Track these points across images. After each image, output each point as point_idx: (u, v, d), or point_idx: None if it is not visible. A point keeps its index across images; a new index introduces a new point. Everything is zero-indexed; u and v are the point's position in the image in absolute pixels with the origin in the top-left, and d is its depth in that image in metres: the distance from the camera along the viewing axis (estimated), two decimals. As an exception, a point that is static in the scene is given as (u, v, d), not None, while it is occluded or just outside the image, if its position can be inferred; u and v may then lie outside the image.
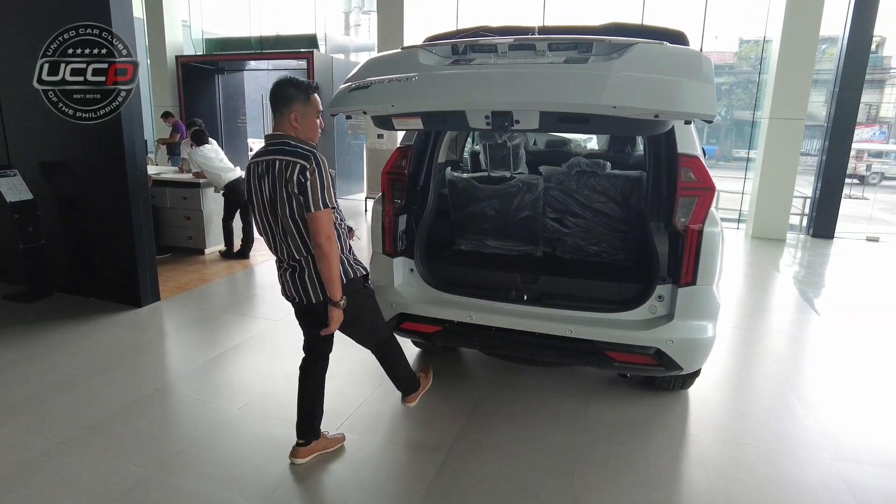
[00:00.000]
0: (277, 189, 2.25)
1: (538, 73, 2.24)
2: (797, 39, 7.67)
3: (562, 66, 2.27)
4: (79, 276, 4.98)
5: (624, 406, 3.23)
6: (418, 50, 2.51)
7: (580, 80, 2.14)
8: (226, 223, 6.26)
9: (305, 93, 2.31)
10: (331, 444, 2.74)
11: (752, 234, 8.28)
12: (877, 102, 19.11)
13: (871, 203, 12.63)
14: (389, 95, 2.36)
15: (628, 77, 2.07)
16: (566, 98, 2.14)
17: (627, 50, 2.18)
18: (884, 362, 3.95)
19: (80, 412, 3.07)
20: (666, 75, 2.07)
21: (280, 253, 2.41)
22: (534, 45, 2.37)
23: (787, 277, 6.34)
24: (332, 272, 2.27)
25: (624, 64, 2.12)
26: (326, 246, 2.23)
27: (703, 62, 2.13)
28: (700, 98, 2.01)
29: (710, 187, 2.64)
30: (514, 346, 3.00)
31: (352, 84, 2.46)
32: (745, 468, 2.70)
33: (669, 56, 2.19)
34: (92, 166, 4.68)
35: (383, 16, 9.58)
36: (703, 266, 2.64)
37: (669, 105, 2.01)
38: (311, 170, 2.20)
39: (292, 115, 2.29)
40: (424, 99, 2.34)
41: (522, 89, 2.20)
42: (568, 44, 2.35)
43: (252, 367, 3.69)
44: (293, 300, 2.49)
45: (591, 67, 2.19)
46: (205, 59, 11.80)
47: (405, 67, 2.43)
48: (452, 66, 2.44)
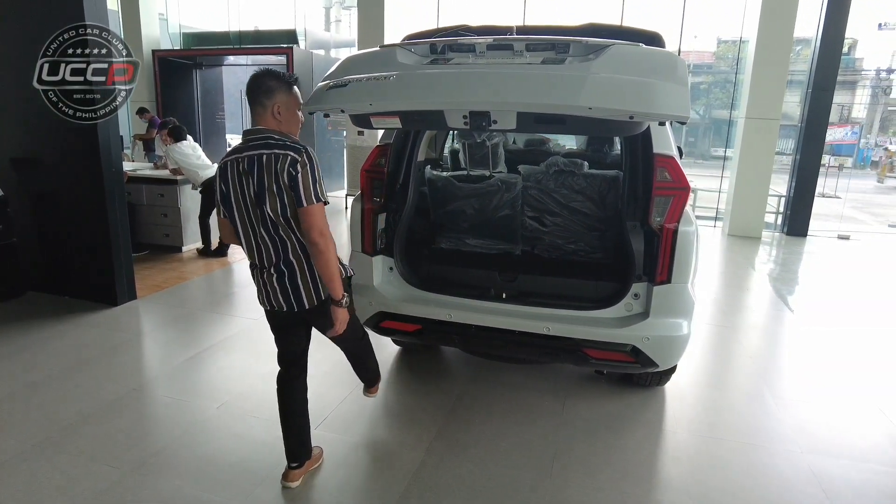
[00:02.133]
0: (266, 184, 2.11)
1: (515, 73, 2.24)
2: (772, 41, 7.82)
3: (539, 66, 2.28)
4: (53, 275, 4.89)
5: (602, 403, 3.28)
6: (396, 48, 2.49)
7: (556, 81, 2.15)
8: (202, 220, 6.18)
9: (287, 84, 2.23)
10: (318, 458, 2.65)
11: (729, 231, 8.42)
12: (849, 103, 19.55)
13: (842, 202, 12.92)
14: (367, 94, 2.34)
15: (604, 78, 2.09)
16: (542, 99, 2.16)
17: (604, 51, 2.20)
18: (854, 359, 4.05)
19: (54, 413, 3.02)
20: (641, 76, 2.10)
21: (262, 257, 2.26)
22: (511, 46, 2.38)
23: (762, 275, 6.47)
24: (330, 269, 2.17)
25: (600, 65, 2.14)
26: (321, 242, 2.13)
27: (678, 64, 2.16)
28: (674, 100, 2.04)
29: (685, 187, 2.68)
30: (493, 344, 3.02)
31: (329, 82, 2.43)
32: (719, 462, 2.75)
33: (644, 57, 2.21)
34: (66, 162, 4.60)
35: (364, 12, 9.53)
36: (678, 264, 2.68)
37: (644, 107, 2.04)
38: (302, 163, 2.10)
39: (275, 106, 2.18)
40: (402, 98, 2.32)
41: (500, 89, 2.20)
42: (545, 44, 2.37)
43: (230, 367, 3.66)
44: (279, 308, 2.31)
45: (567, 68, 2.21)
46: (182, 54, 11.62)
47: (383, 66, 2.41)
48: (431, 65, 2.44)
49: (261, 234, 2.22)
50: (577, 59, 2.26)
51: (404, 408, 3.24)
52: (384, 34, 9.34)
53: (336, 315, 2.26)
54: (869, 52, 21.80)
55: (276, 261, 2.24)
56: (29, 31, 4.39)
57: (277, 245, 2.22)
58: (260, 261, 2.28)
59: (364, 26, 9.51)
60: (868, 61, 19.99)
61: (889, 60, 19.86)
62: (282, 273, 2.25)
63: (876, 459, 2.82)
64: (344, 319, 2.29)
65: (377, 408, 3.22)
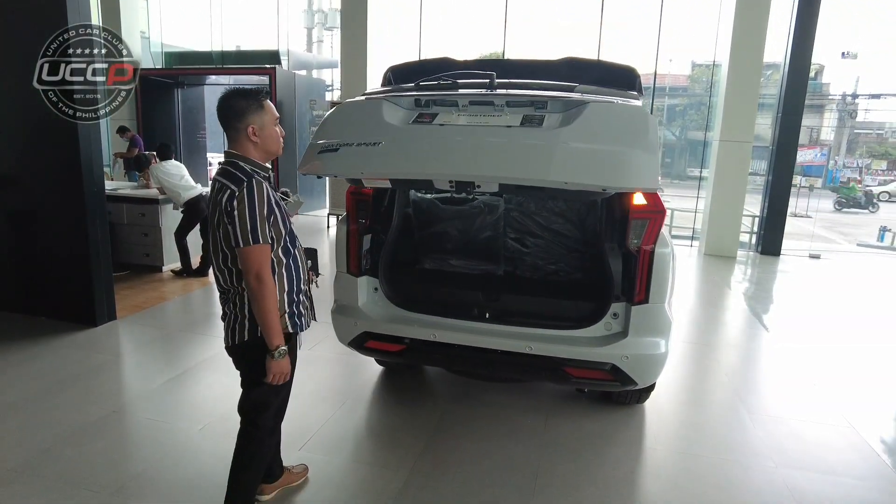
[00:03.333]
0: (217, 213, 2.02)
1: (496, 145, 2.36)
2: (743, 65, 8.10)
3: (519, 131, 2.39)
4: (29, 295, 4.81)
5: (582, 421, 3.32)
6: (383, 102, 2.62)
7: (535, 156, 2.30)
8: (179, 239, 6.10)
9: (257, 101, 2.07)
10: (296, 477, 2.62)
11: (705, 251, 8.60)
12: (817, 126, 20.21)
13: (813, 221, 13.29)
14: (358, 161, 2.46)
15: (579, 150, 2.26)
16: (521, 174, 2.32)
17: (579, 113, 2.35)
18: (825, 375, 4.17)
19: (31, 437, 2.97)
20: (614, 145, 2.27)
21: (218, 283, 2.18)
22: (492, 102, 2.52)
23: (737, 294, 6.62)
24: (264, 315, 1.99)
25: (576, 132, 2.29)
26: (256, 287, 1.97)
27: (649, 127, 2.33)
28: (645, 172, 2.23)
29: (660, 210, 2.77)
30: (476, 363, 3.06)
31: (321, 144, 2.53)
32: (697, 478, 2.81)
33: (618, 120, 2.38)
34: (46, 180, 4.55)
35: (346, 32, 9.64)
36: (655, 285, 2.76)
37: (615, 182, 2.25)
38: (240, 198, 1.95)
39: (249, 129, 2.05)
40: (391, 166, 2.46)
41: (482, 163, 2.36)
42: (524, 100, 2.51)
43: (212, 388, 3.64)
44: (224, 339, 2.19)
45: (545, 136, 2.33)
46: (164, 73, 11.63)
47: (371, 121, 2.53)
48: (416, 123, 2.55)
49: (215, 262, 2.13)
50: (555, 114, 2.43)
51: (388, 428, 3.25)
52: (366, 55, 9.46)
53: (268, 366, 2.05)
54: (835, 77, 22.65)
55: (224, 290, 2.15)
56: (14, 40, 4.39)
57: (225, 275, 2.11)
58: (217, 285, 2.20)
59: (346, 47, 9.62)
60: (834, 86, 20.77)
61: (853, 86, 20.66)
62: (224, 300, 2.17)
63: (847, 473, 2.91)
64: (279, 372, 2.07)
65: (361, 428, 3.23)
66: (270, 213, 2.02)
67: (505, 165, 2.33)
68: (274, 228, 2.05)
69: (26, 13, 4.33)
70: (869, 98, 21.15)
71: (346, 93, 9.60)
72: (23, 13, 4.34)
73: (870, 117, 22.54)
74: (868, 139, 23.38)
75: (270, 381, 2.08)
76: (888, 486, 2.82)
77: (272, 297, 2.01)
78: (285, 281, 2.13)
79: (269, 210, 2.01)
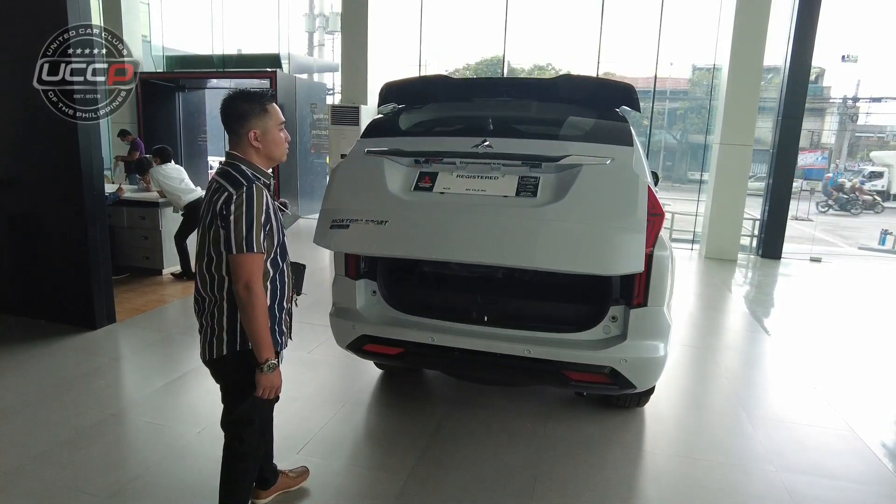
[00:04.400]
0: (210, 215, 1.95)
1: (493, 229, 2.60)
2: (743, 68, 8.09)
3: (514, 209, 2.63)
4: (29, 297, 4.82)
5: (581, 424, 3.31)
6: (384, 161, 2.86)
7: (527, 243, 2.55)
8: (178, 242, 6.10)
9: (261, 105, 2.00)
10: (294, 482, 2.59)
11: (706, 254, 8.59)
12: (818, 129, 20.22)
13: (814, 224, 13.28)
14: (368, 240, 2.74)
15: (569, 235, 2.51)
16: (515, 262, 2.62)
17: (572, 180, 2.58)
18: (826, 380, 4.15)
19: (28, 440, 2.97)
20: (603, 226, 2.50)
21: (197, 288, 2.08)
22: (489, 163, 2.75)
23: (738, 297, 6.61)
24: (253, 326, 1.91)
25: (566, 209, 2.54)
26: (245, 296, 1.88)
27: (639, 198, 2.52)
28: (631, 256, 2.46)
29: (659, 213, 2.76)
30: (475, 366, 3.05)
31: (333, 219, 2.81)
32: (697, 482, 2.80)
33: (608, 192, 2.58)
34: (46, 183, 4.56)
35: (347, 36, 9.66)
36: (654, 288, 2.75)
37: (601, 270, 2.50)
38: (237, 202, 1.88)
39: (251, 133, 1.98)
40: (398, 249, 2.76)
41: (480, 249, 2.60)
42: (520, 158, 2.71)
43: (210, 391, 3.59)
44: (201, 354, 2.10)
45: (537, 216, 2.57)
46: (165, 77, 11.65)
47: (375, 186, 2.81)
48: (418, 191, 2.81)
49: (198, 265, 2.05)
50: (550, 174, 2.69)
51: (386, 431, 3.24)
52: (367, 58, 9.47)
53: (258, 380, 1.98)
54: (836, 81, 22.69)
55: (202, 299, 2.06)
56: (14, 40, 4.39)
57: (206, 281, 2.02)
58: (195, 292, 2.10)
59: (347, 51, 9.64)
60: (835, 90, 20.79)
61: (854, 89, 20.68)
62: (201, 309, 2.08)
63: (848, 477, 2.89)
64: (269, 386, 1.99)
65: (359, 431, 3.22)
66: (267, 221, 1.95)
67: (501, 252, 2.59)
68: (268, 239, 1.98)
69: (26, 13, 4.34)
70: (870, 101, 21.18)
71: (347, 96, 9.63)
72: (23, 13, 4.36)
73: (871, 121, 22.57)
74: (869, 142, 23.40)
75: (261, 396, 2.00)
76: (889, 490, 2.81)
77: (262, 308, 1.93)
78: (268, 295, 2.02)
79: (267, 219, 1.94)
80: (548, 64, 20.57)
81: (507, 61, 10.95)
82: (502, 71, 10.87)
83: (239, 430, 2.16)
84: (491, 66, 19.74)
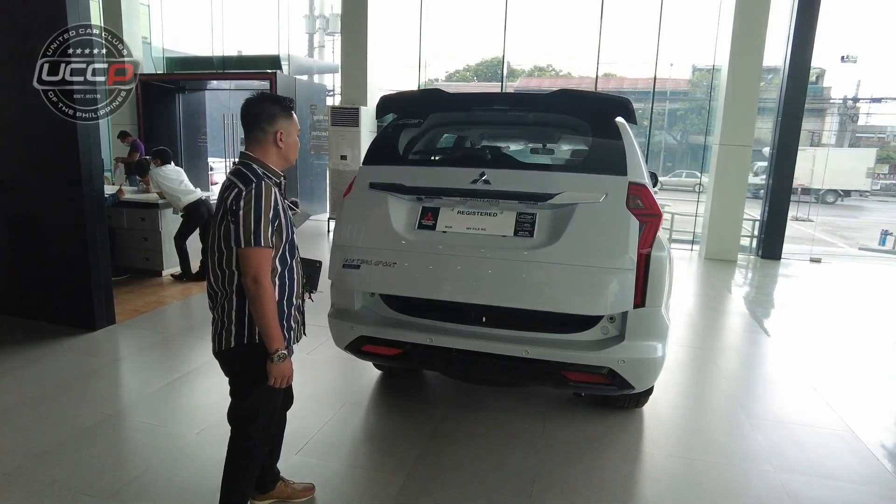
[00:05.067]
0: (221, 210, 2.02)
1: (493, 271, 2.79)
2: (743, 69, 8.10)
3: (511, 250, 2.78)
4: (28, 298, 4.82)
5: (580, 425, 3.31)
6: (388, 197, 2.98)
7: (524, 287, 2.75)
8: (178, 243, 6.10)
9: (287, 109, 2.13)
10: (294, 494, 2.53)
11: (706, 255, 8.59)
12: (818, 130, 20.22)
13: (814, 225, 13.27)
14: (378, 281, 2.96)
15: (563, 277, 2.71)
16: (515, 303, 2.80)
17: (568, 219, 2.73)
18: (825, 380, 4.15)
19: (27, 441, 2.97)
20: (596, 267, 2.69)
21: (210, 284, 2.13)
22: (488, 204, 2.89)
23: (737, 298, 6.61)
24: (261, 320, 1.97)
25: (561, 251, 2.70)
26: (253, 289, 1.94)
27: (630, 239, 2.66)
28: (621, 294, 2.67)
29: (656, 214, 2.77)
30: (473, 367, 3.05)
31: (344, 258, 2.99)
32: (695, 483, 2.80)
33: (602, 230, 2.72)
34: (46, 185, 4.57)
35: (347, 38, 9.67)
36: (652, 289, 2.75)
37: (594, 310, 2.75)
38: (247, 198, 1.94)
39: (278, 133, 2.08)
40: (406, 289, 2.94)
41: (482, 292, 2.81)
42: (516, 196, 2.83)
43: (210, 392, 3.64)
44: (212, 347, 2.15)
45: (534, 258, 2.73)
46: (165, 78, 11.67)
47: (381, 223, 2.95)
48: (422, 229, 2.94)
49: (210, 261, 2.10)
50: (546, 210, 2.81)
51: (385, 432, 3.25)
52: (367, 59, 9.49)
53: (269, 370, 2.01)
54: (835, 81, 22.69)
55: (214, 293, 2.11)
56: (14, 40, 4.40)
57: (218, 276, 2.07)
58: (208, 287, 2.16)
59: (347, 52, 9.66)
60: (835, 90, 20.79)
61: (854, 90, 20.69)
62: (215, 305, 2.12)
63: (847, 478, 2.89)
64: (280, 375, 2.02)
65: (358, 432, 3.22)
66: (276, 217, 2.01)
67: (501, 295, 2.80)
68: (276, 235, 2.03)
69: (26, 13, 4.35)
70: (870, 102, 21.20)
71: (347, 98, 9.64)
72: (23, 13, 4.36)
73: (871, 121, 22.59)
74: (869, 143, 23.41)
75: (273, 385, 2.04)
76: (888, 491, 2.80)
77: (270, 301, 1.98)
78: (276, 291, 2.06)
79: (276, 215, 2.00)
80: (548, 65, 20.60)
81: (507, 62, 10.96)
82: (502, 71, 10.89)
83: (243, 424, 2.18)
84: (491, 67, 19.76)
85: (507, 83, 11.35)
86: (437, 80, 17.26)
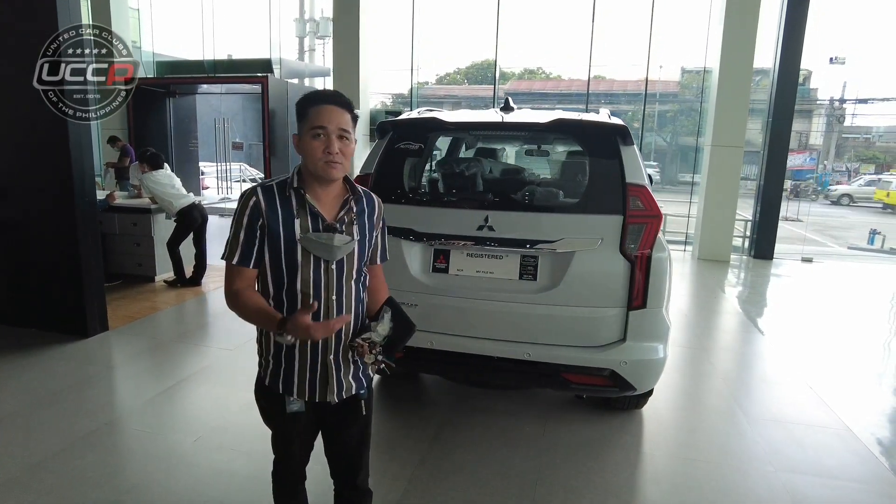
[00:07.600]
0: None
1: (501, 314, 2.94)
2: (733, 71, 8.17)
3: (516, 293, 2.93)
4: (19, 306, 4.75)
5: (581, 427, 3.31)
6: (401, 242, 3.03)
7: (530, 329, 2.90)
8: (171, 249, 6.03)
9: (302, 108, 1.73)
10: None
11: (699, 255, 8.64)
12: (806, 131, 20.43)
13: (804, 225, 13.39)
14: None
15: (564, 315, 2.86)
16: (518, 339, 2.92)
17: (567, 265, 2.84)
18: (821, 379, 4.18)
19: (21, 450, 2.92)
20: (595, 304, 2.84)
21: None
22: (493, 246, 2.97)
23: (731, 298, 6.64)
24: (248, 321, 1.69)
25: (561, 295, 2.84)
26: (228, 303, 1.70)
27: (622, 280, 2.77)
28: (615, 328, 2.83)
29: (657, 214, 2.78)
30: (474, 370, 3.04)
31: None
32: (696, 483, 2.80)
33: (598, 273, 2.83)
34: (36, 190, 4.51)
35: (339, 42, 9.65)
36: (653, 290, 2.76)
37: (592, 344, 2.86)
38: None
39: (293, 136, 1.74)
40: (428, 326, 2.97)
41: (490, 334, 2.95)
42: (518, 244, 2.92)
43: (206, 399, 3.60)
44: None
45: (537, 300, 2.89)
46: (155, 82, 11.58)
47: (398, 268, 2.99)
48: (436, 273, 3.05)
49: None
50: (547, 256, 2.91)
51: (386, 437, 3.22)
52: (359, 63, 9.47)
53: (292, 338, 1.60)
54: (823, 82, 22.95)
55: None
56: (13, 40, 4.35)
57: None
58: None
59: (339, 56, 9.63)
60: (822, 91, 21.02)
61: (841, 91, 20.93)
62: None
63: (845, 476, 2.91)
64: (303, 333, 1.54)
65: (358, 437, 3.19)
66: (250, 232, 1.66)
67: (510, 335, 2.94)
68: (258, 253, 1.68)
69: (26, 13, 4.30)
70: (856, 103, 21.43)
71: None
72: (23, 13, 4.31)
73: (857, 122, 22.85)
74: (856, 143, 23.68)
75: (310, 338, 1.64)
76: (886, 488, 2.82)
77: (248, 316, 1.67)
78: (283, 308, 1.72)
79: (249, 228, 1.65)
80: (538, 68, 20.65)
81: (499, 66, 10.98)
82: (494, 74, 10.90)
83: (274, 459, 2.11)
84: (481, 70, 19.78)
85: (497, 86, 11.36)
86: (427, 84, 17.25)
